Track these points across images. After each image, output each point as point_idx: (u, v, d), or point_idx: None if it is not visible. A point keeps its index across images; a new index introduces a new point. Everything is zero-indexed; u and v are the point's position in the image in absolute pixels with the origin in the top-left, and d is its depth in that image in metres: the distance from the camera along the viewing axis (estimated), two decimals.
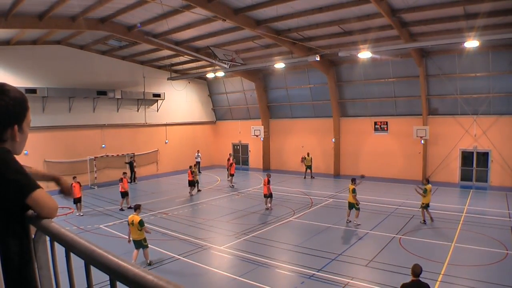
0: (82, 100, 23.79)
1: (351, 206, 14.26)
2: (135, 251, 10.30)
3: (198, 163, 29.06)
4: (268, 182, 16.78)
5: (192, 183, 20.55)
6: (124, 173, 19.05)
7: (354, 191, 14.05)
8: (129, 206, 17.21)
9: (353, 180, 14.42)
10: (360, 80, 24.79)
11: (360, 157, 25.89)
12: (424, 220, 14.23)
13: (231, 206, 18.00)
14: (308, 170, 25.59)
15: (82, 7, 16.17)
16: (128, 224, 10.38)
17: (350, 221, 14.36)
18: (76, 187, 16.14)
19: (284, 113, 29.76)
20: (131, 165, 25.15)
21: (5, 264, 1.35)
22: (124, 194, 17.46)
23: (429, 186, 14.26)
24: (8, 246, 1.43)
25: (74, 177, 16.73)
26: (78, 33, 20.22)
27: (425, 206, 14.10)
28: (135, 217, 10.19)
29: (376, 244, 12.00)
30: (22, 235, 1.50)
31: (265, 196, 16.95)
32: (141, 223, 10.10)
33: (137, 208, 10.55)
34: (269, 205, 16.87)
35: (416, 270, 6.44)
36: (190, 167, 20.95)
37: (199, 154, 29.41)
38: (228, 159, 24.95)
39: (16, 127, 1.56)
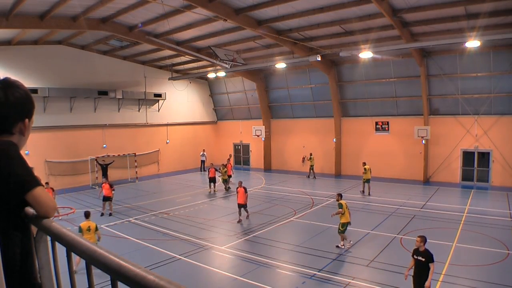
0: (83, 100, 23.81)
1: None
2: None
3: (202, 162, 29.06)
4: (245, 190, 14.97)
5: (213, 180, 21.17)
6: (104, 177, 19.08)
7: (340, 206, 11.63)
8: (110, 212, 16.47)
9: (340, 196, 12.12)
10: (361, 80, 24.78)
11: (361, 157, 25.75)
12: (363, 191, 19.65)
13: (232, 206, 17.97)
14: (311, 170, 25.49)
15: (83, 7, 16.18)
16: (82, 231, 9.83)
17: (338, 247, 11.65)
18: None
19: (285, 113, 29.75)
20: (103, 168, 22.53)
21: (6, 264, 1.35)
22: (105, 199, 16.30)
23: (364, 166, 19.64)
24: (9, 245, 1.43)
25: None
26: (79, 33, 20.24)
27: (367, 181, 19.48)
28: (91, 223, 10.21)
29: (377, 244, 11.98)
30: (23, 234, 1.50)
31: (242, 206, 14.93)
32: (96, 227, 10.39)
33: (88, 214, 10.62)
34: (247, 214, 15.26)
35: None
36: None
37: (205, 153, 29.53)
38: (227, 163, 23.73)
39: (26, 121, 1.58)
